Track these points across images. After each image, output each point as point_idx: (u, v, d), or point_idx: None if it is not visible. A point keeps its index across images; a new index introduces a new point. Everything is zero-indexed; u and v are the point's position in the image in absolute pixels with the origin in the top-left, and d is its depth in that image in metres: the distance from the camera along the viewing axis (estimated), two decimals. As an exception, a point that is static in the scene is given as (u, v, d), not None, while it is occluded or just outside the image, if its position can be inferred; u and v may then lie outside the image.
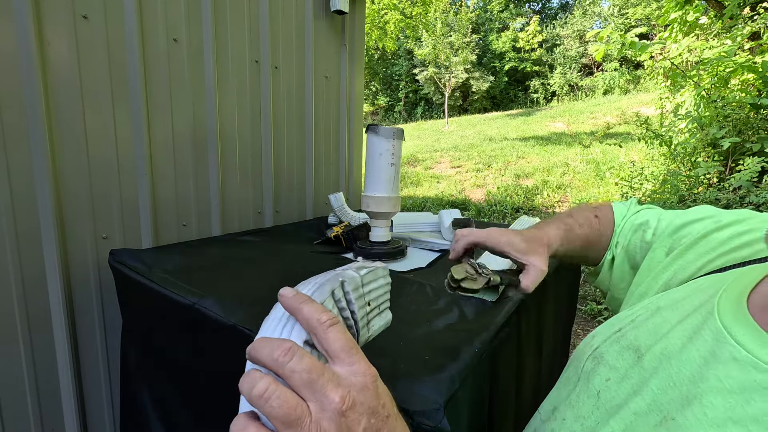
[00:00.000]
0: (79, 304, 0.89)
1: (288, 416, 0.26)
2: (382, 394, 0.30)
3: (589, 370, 0.36)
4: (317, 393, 0.27)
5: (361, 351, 0.30)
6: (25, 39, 0.75)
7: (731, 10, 3.83)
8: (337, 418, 0.26)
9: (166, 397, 0.76)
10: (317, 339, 0.30)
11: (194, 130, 1.07)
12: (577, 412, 0.34)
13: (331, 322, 0.30)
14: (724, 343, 0.28)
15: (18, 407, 0.82)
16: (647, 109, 8.13)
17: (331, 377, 0.28)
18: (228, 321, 0.58)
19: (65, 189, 0.84)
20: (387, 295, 0.42)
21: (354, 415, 0.27)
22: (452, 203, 5.30)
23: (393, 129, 0.88)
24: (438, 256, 0.95)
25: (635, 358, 0.33)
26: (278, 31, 1.29)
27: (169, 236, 1.04)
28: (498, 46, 18.97)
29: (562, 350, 1.09)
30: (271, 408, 0.26)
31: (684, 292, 0.39)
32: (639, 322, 0.37)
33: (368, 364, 0.30)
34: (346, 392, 0.27)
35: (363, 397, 0.28)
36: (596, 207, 0.67)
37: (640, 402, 0.29)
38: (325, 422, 0.26)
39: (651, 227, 0.57)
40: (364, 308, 0.37)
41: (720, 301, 0.32)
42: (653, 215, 0.59)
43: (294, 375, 0.27)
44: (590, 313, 2.56)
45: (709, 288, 0.36)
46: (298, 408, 0.26)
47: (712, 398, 0.26)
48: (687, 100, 3.96)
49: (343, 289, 0.36)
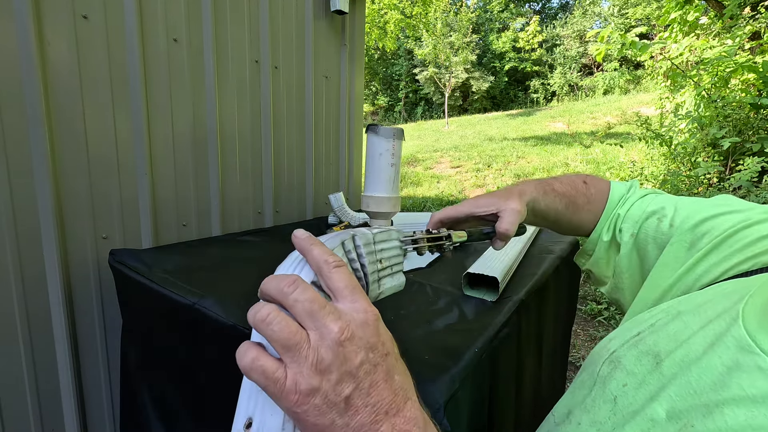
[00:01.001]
0: (79, 304, 0.89)
1: (288, 340, 0.27)
2: (383, 334, 0.31)
3: (606, 374, 0.35)
4: (317, 323, 0.28)
5: (364, 292, 0.31)
6: (25, 39, 0.75)
7: (731, 10, 3.83)
8: (335, 347, 0.27)
9: (166, 397, 0.76)
10: (323, 278, 0.31)
11: (194, 130, 1.07)
12: (593, 417, 0.33)
13: (336, 263, 0.31)
14: (748, 351, 0.27)
15: (18, 407, 0.82)
16: (647, 109, 8.13)
17: (332, 310, 0.29)
18: (228, 321, 0.58)
19: (65, 189, 0.84)
20: (400, 258, 0.43)
21: (352, 347, 0.28)
22: (452, 203, 5.30)
23: (393, 129, 0.88)
24: (438, 256, 0.95)
25: (654, 363, 0.31)
26: (278, 31, 1.29)
27: (169, 236, 1.04)
28: (498, 46, 18.97)
29: (562, 350, 1.09)
30: (272, 332, 0.27)
31: (706, 296, 0.38)
32: (658, 327, 0.35)
33: (370, 304, 0.31)
34: (346, 325, 0.28)
35: (362, 332, 0.29)
36: (586, 175, 0.64)
37: (658, 408, 0.28)
38: (323, 350, 0.27)
39: (667, 216, 0.51)
40: (375, 264, 0.39)
41: (745, 308, 0.30)
42: (668, 202, 0.53)
43: (297, 304, 0.28)
44: (590, 313, 2.56)
45: (733, 293, 0.35)
46: (298, 334, 0.27)
47: (735, 407, 0.25)
48: (687, 100, 3.96)
49: (354, 243, 0.37)
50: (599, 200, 0.60)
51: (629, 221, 0.56)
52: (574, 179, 0.62)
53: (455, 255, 0.94)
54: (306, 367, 0.27)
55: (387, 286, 0.40)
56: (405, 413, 0.29)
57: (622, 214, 0.58)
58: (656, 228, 0.52)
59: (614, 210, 0.60)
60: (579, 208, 0.60)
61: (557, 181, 0.61)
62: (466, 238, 0.54)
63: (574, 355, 2.13)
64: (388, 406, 0.28)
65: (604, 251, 0.60)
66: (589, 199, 0.60)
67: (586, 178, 0.62)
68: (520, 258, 0.86)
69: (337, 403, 0.27)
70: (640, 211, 0.56)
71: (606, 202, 0.60)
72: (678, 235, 0.48)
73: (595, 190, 0.61)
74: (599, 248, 0.60)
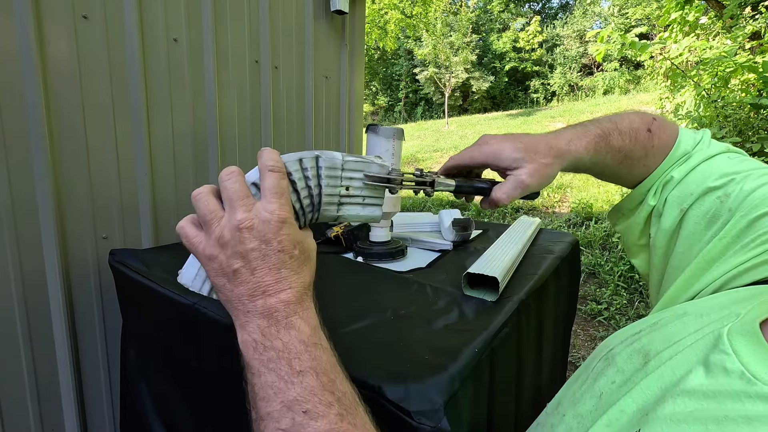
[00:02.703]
0: (79, 304, 0.89)
1: (204, 216, 0.35)
2: (284, 235, 0.35)
3: (599, 371, 0.35)
4: (231, 208, 0.35)
5: (286, 198, 0.36)
6: (26, 39, 0.75)
7: (732, 10, 3.83)
8: (234, 231, 0.34)
9: (166, 397, 0.76)
10: (260, 177, 0.37)
11: (194, 130, 1.07)
12: (578, 410, 0.33)
13: (273, 168, 0.36)
14: (719, 350, 0.26)
15: (18, 407, 0.82)
16: (647, 109, 8.12)
17: (247, 203, 0.35)
18: (228, 321, 0.58)
19: (65, 189, 0.84)
20: (378, 192, 0.44)
21: (248, 235, 0.34)
22: (452, 203, 5.30)
23: (393, 129, 0.88)
24: (438, 256, 0.95)
25: (642, 362, 0.31)
26: (278, 31, 1.29)
27: (169, 236, 1.04)
28: (498, 47, 18.96)
29: (562, 350, 1.09)
30: (197, 206, 0.36)
31: (718, 300, 0.36)
32: (659, 326, 0.34)
33: (283, 209, 0.35)
34: (251, 217, 0.34)
35: (262, 227, 0.34)
36: (653, 119, 0.50)
37: (629, 401, 0.29)
38: (226, 230, 0.34)
39: (731, 196, 0.42)
40: (337, 188, 0.41)
41: (749, 314, 0.29)
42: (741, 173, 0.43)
43: (224, 191, 0.35)
44: (590, 313, 2.56)
45: (743, 300, 0.33)
46: (215, 212, 0.35)
47: (686, 398, 0.25)
48: (687, 100, 3.95)
49: (317, 163, 0.40)
50: (660, 153, 0.49)
51: (682, 191, 0.46)
52: (639, 127, 0.49)
53: (455, 255, 0.94)
54: (212, 239, 0.35)
55: (350, 213, 0.43)
56: (280, 296, 0.34)
57: (676, 177, 0.47)
58: (716, 210, 0.42)
59: (669, 168, 0.49)
60: (634, 162, 0.50)
61: (618, 130, 0.49)
62: (454, 189, 0.50)
63: (574, 355, 2.13)
64: (267, 287, 0.34)
65: (644, 218, 0.51)
66: (647, 153, 0.49)
67: (652, 125, 0.50)
68: (520, 258, 0.86)
69: (227, 272, 0.34)
70: (701, 181, 0.45)
71: (666, 157, 0.49)
72: (731, 225, 0.40)
73: (658, 141, 0.49)
74: (641, 212, 0.51)
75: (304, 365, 0.32)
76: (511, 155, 0.46)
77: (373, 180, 0.42)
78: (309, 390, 0.31)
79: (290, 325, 0.34)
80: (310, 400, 0.31)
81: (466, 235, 1.02)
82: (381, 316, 0.60)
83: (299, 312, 0.35)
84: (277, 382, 0.31)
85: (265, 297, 0.34)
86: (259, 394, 0.32)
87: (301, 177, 0.39)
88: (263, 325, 0.33)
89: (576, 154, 0.47)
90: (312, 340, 0.34)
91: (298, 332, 0.34)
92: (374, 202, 0.43)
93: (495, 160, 0.47)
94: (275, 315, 0.34)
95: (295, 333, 0.34)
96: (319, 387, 0.32)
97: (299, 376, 0.32)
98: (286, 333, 0.33)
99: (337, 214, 0.42)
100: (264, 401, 0.31)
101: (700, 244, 0.43)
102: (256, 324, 0.34)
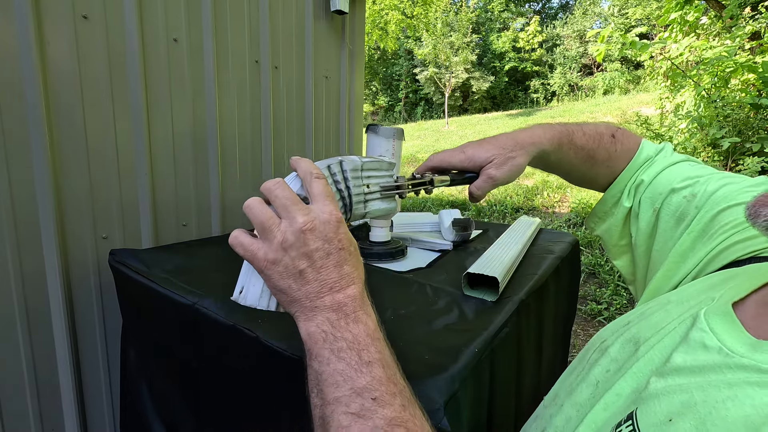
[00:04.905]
0: (79, 304, 0.89)
1: (263, 223, 0.37)
2: (342, 233, 0.37)
3: (594, 361, 0.37)
4: (289, 214, 0.36)
5: (335, 200, 0.39)
6: (26, 39, 0.75)
7: (731, 10, 3.83)
8: (298, 233, 0.35)
9: (166, 397, 0.76)
10: (305, 185, 0.39)
11: (194, 130, 1.07)
12: (575, 400, 0.34)
13: (317, 175, 0.39)
14: (698, 329, 0.29)
15: (18, 407, 0.82)
16: (647, 109, 8.12)
17: (302, 207, 0.37)
18: (228, 321, 0.58)
19: (65, 189, 0.84)
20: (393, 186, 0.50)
21: (311, 236, 0.36)
22: (452, 203, 5.30)
23: (393, 129, 0.88)
24: (438, 256, 0.95)
25: (633, 350, 0.34)
26: (278, 31, 1.29)
27: (168, 236, 1.04)
28: (498, 46, 18.96)
29: (562, 350, 1.09)
30: (252, 215, 0.37)
31: (696, 287, 0.39)
32: (646, 315, 0.37)
33: (337, 209, 0.38)
34: (311, 219, 0.36)
35: (323, 228, 0.36)
36: (617, 128, 0.56)
37: (624, 384, 0.31)
38: (288, 233, 0.36)
39: (697, 195, 0.47)
40: (362, 188, 0.46)
41: (722, 297, 0.32)
42: (702, 177, 0.48)
43: (276, 199, 0.37)
44: (590, 313, 2.56)
45: (718, 284, 0.36)
46: (272, 219, 0.37)
47: (674, 375, 0.28)
48: (687, 100, 3.96)
49: (342, 167, 0.44)
50: (623, 158, 0.55)
51: (653, 192, 0.51)
52: (603, 131, 0.56)
53: (455, 255, 0.94)
54: (274, 243, 0.36)
55: (375, 208, 0.48)
56: (347, 291, 0.37)
57: (646, 180, 0.53)
58: (684, 208, 0.47)
59: (636, 173, 0.55)
60: (597, 163, 0.55)
61: (582, 131, 0.55)
62: (449, 182, 0.57)
63: (574, 355, 2.13)
64: (333, 283, 0.36)
65: (621, 219, 0.56)
66: (610, 156, 0.55)
67: (616, 132, 0.56)
68: (520, 258, 0.86)
69: (293, 273, 0.36)
70: (668, 183, 0.50)
71: (629, 162, 0.55)
72: (697, 220, 0.45)
73: (621, 147, 0.55)
74: (617, 214, 0.56)
75: (372, 357, 0.34)
76: (482, 156, 0.54)
77: (387, 190, 0.49)
78: (377, 380, 0.33)
79: (357, 320, 0.36)
80: (378, 389, 0.33)
81: (466, 235, 1.02)
82: (381, 316, 0.60)
83: (364, 308, 0.37)
84: (347, 370, 0.33)
85: (332, 293, 0.36)
86: (328, 380, 0.33)
87: (332, 182, 0.43)
88: (333, 318, 0.36)
89: (540, 146, 0.54)
90: (376, 335, 0.37)
91: (365, 326, 0.36)
92: (389, 195, 0.50)
93: (470, 163, 0.55)
94: (344, 309, 0.36)
95: (362, 327, 0.36)
96: (386, 378, 0.34)
97: (368, 366, 0.34)
98: (355, 326, 0.36)
99: (365, 210, 0.47)
100: (333, 387, 0.33)
101: (672, 240, 0.48)
102: (325, 316, 0.36)
